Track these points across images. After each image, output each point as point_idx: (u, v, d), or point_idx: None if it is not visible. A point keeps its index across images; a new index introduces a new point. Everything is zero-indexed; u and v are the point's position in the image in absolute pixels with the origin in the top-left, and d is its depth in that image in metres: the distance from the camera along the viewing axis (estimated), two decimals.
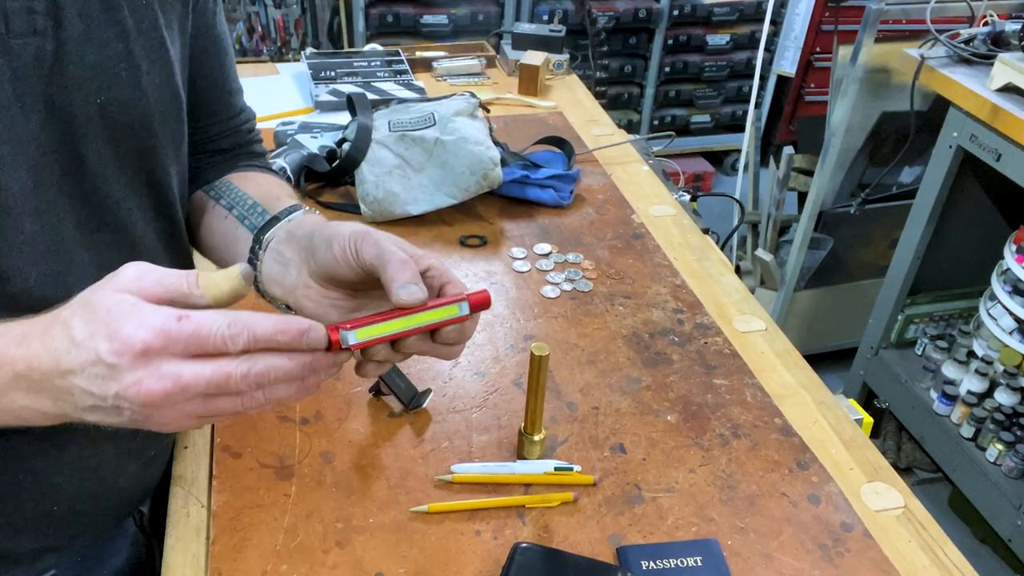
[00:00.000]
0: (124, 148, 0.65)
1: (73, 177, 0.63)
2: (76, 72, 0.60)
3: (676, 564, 0.75)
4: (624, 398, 0.94)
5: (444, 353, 0.63)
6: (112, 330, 0.50)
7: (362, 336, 0.56)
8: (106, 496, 0.77)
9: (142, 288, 0.52)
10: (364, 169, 1.22)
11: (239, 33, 3.17)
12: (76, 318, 0.51)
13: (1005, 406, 1.94)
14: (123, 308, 0.50)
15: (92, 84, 0.61)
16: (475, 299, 0.61)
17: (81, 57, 0.60)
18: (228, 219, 0.76)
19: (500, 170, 1.24)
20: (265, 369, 0.52)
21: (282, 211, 0.72)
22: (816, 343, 2.56)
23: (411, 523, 0.78)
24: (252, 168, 0.84)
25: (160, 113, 0.67)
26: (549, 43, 1.76)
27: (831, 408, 0.95)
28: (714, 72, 3.52)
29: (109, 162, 0.65)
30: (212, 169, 0.82)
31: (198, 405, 0.52)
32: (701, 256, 1.20)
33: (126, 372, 0.50)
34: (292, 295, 0.68)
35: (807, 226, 2.29)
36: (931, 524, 0.83)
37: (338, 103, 1.54)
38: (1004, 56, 1.73)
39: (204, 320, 0.50)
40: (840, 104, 2.13)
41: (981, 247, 2.11)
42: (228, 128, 0.84)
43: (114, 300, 0.51)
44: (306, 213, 0.72)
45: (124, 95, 0.63)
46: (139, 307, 0.51)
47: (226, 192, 0.78)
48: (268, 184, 0.80)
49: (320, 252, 0.64)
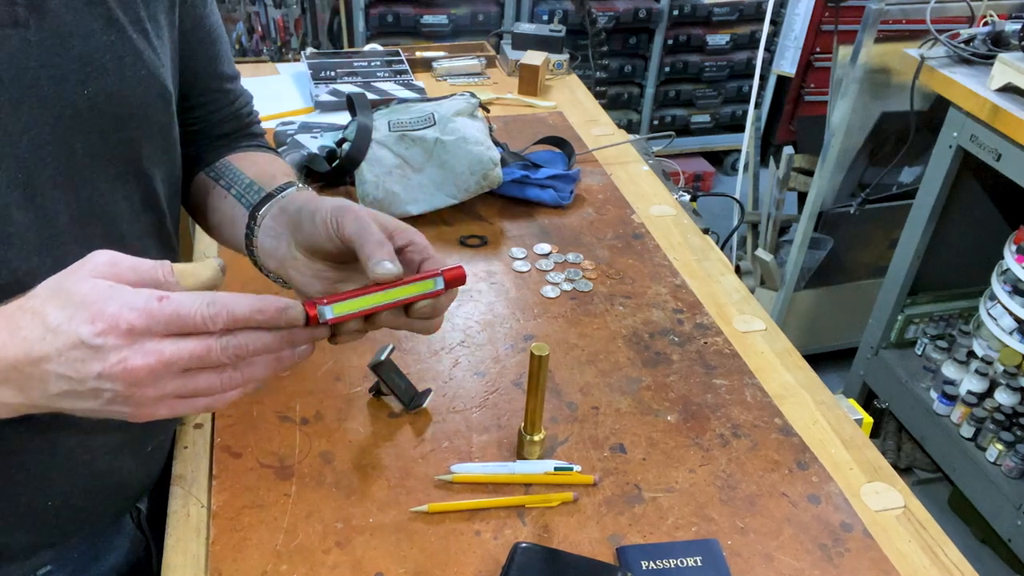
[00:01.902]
0: (113, 140, 0.66)
1: (65, 170, 0.63)
2: (62, 64, 0.60)
3: (676, 564, 0.75)
4: (624, 398, 0.94)
5: (419, 328, 0.65)
6: (94, 312, 0.50)
7: (339, 311, 0.58)
8: (101, 492, 0.77)
9: (117, 273, 0.52)
10: (364, 169, 1.22)
11: (239, 33, 3.16)
12: (49, 305, 0.51)
13: (1005, 406, 1.94)
14: (101, 291, 0.51)
15: (78, 76, 0.61)
16: (450, 274, 0.62)
17: (67, 49, 0.60)
18: (227, 199, 0.79)
19: (500, 170, 1.24)
20: (245, 341, 0.53)
21: (276, 188, 0.74)
22: (816, 343, 2.56)
23: (411, 523, 0.78)
24: (251, 148, 0.87)
25: (146, 105, 0.68)
26: (549, 43, 1.76)
27: (831, 408, 0.95)
28: (714, 72, 3.52)
29: (99, 154, 0.65)
30: (214, 152, 0.85)
31: (179, 384, 0.53)
32: (701, 256, 1.20)
33: (111, 352, 0.50)
34: (283, 267, 0.70)
35: (807, 226, 2.29)
36: (931, 524, 0.83)
37: (338, 103, 1.54)
38: (1004, 56, 1.73)
39: (184, 300, 0.51)
40: (840, 104, 2.13)
41: (981, 247, 2.11)
42: (228, 114, 0.86)
43: (90, 285, 0.51)
44: (299, 189, 0.75)
45: (110, 87, 0.64)
46: (118, 289, 0.51)
47: (225, 173, 0.81)
48: (265, 163, 0.83)
49: (305, 225, 0.67)
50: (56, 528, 0.75)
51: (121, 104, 0.65)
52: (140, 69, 0.66)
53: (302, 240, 0.68)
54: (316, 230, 0.65)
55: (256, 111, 0.91)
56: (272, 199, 0.73)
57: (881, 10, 1.97)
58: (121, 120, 0.66)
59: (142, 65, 0.66)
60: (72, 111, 0.62)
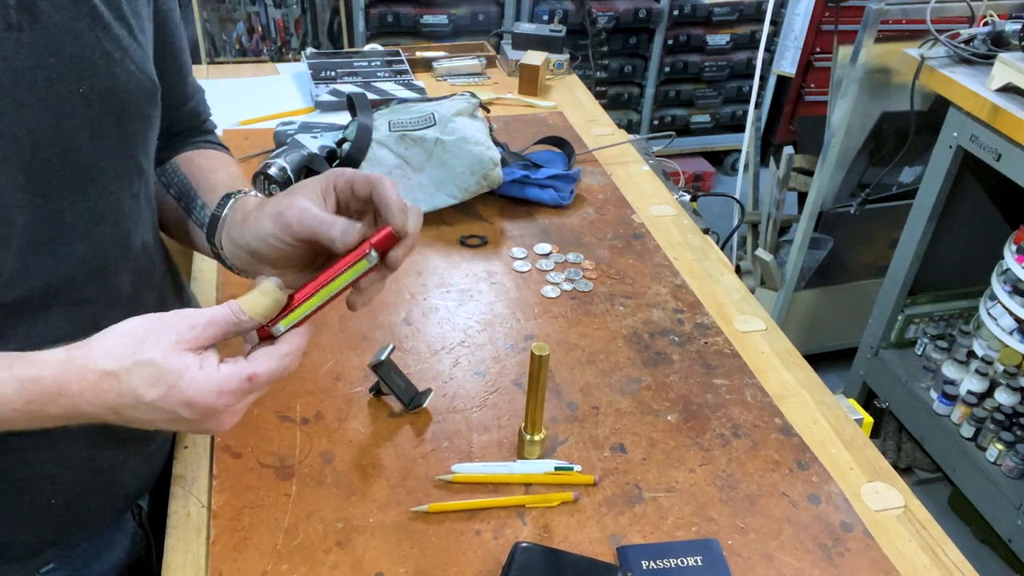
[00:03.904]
0: (112, 137, 0.66)
1: (70, 170, 0.63)
2: (56, 64, 0.60)
3: (676, 564, 0.75)
4: (624, 398, 0.94)
5: (379, 284, 0.67)
6: (188, 398, 0.56)
7: (288, 323, 0.63)
8: (104, 490, 0.78)
9: (199, 338, 0.58)
10: (364, 169, 1.22)
11: (239, 33, 3.17)
12: (137, 379, 0.56)
13: (1005, 406, 1.94)
14: (191, 374, 0.56)
15: (72, 75, 0.61)
16: (378, 241, 0.64)
17: (59, 49, 0.60)
18: (177, 209, 0.82)
19: (500, 170, 1.24)
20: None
21: (218, 206, 0.76)
22: (816, 343, 2.56)
23: (411, 523, 0.78)
24: (200, 146, 0.88)
25: (138, 100, 0.68)
26: (549, 43, 1.76)
27: (831, 408, 0.95)
28: (714, 72, 3.52)
29: (102, 152, 0.66)
30: (167, 151, 0.86)
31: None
32: (701, 256, 1.20)
33: (208, 422, 0.59)
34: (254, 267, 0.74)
35: (807, 226, 2.29)
36: (931, 524, 0.83)
37: (338, 103, 1.54)
38: (1004, 56, 1.73)
39: (267, 371, 0.59)
40: (840, 104, 2.13)
41: (981, 247, 2.11)
42: (187, 112, 0.87)
43: (179, 364, 0.56)
44: (235, 200, 0.76)
45: (103, 83, 0.64)
46: (209, 374, 0.57)
47: (175, 180, 0.83)
48: (212, 164, 0.84)
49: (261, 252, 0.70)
50: (59, 527, 0.75)
51: (115, 100, 0.65)
52: (129, 64, 0.66)
53: (262, 259, 0.71)
54: (270, 252, 0.68)
55: (208, 107, 0.92)
56: (218, 220, 0.75)
57: (881, 10, 1.97)
58: (116, 116, 0.66)
59: (130, 60, 0.66)
60: (71, 110, 0.62)
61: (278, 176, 1.23)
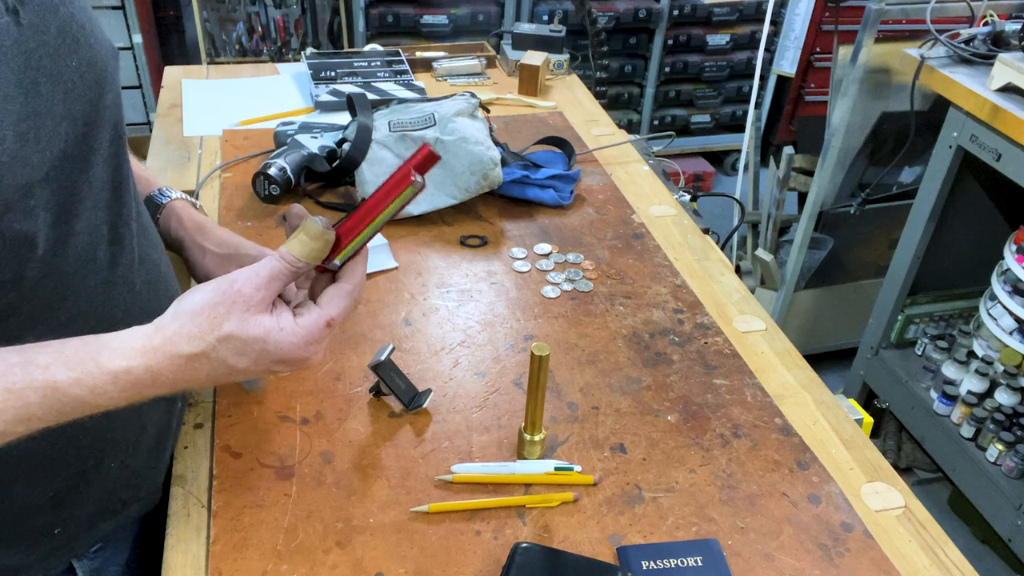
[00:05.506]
0: (101, 107, 0.66)
1: (76, 143, 0.64)
2: (50, 41, 0.60)
3: (676, 564, 0.75)
4: (624, 398, 0.94)
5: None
6: (279, 357, 0.62)
7: (343, 257, 0.67)
8: (154, 451, 0.81)
9: (265, 297, 0.62)
10: (364, 169, 1.22)
11: (239, 33, 3.17)
12: (224, 353, 0.61)
13: (1005, 406, 1.94)
14: (275, 337, 0.62)
15: (63, 49, 0.62)
16: (418, 163, 0.65)
17: (48, 25, 0.60)
18: None
19: (500, 170, 1.24)
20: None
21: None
22: (816, 343, 2.56)
23: (411, 523, 0.78)
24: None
25: (111, 67, 0.68)
26: (549, 43, 1.76)
27: (831, 408, 0.95)
28: (714, 72, 3.52)
29: (97, 124, 0.66)
30: None
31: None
32: (701, 256, 1.20)
33: (301, 365, 0.65)
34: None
35: (807, 226, 2.29)
36: (931, 524, 0.83)
37: (338, 103, 1.54)
38: (1004, 56, 1.73)
39: (339, 310, 0.65)
40: (840, 104, 2.13)
41: (981, 247, 2.11)
42: None
43: (259, 330, 0.61)
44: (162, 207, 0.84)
45: (85, 54, 0.64)
46: (292, 331, 0.62)
47: None
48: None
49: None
50: (116, 496, 0.78)
51: (98, 69, 0.65)
52: (97, 32, 0.67)
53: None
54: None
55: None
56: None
57: (881, 10, 1.97)
58: (100, 86, 0.66)
59: (96, 28, 0.67)
60: (70, 84, 0.62)
61: (278, 176, 1.23)
